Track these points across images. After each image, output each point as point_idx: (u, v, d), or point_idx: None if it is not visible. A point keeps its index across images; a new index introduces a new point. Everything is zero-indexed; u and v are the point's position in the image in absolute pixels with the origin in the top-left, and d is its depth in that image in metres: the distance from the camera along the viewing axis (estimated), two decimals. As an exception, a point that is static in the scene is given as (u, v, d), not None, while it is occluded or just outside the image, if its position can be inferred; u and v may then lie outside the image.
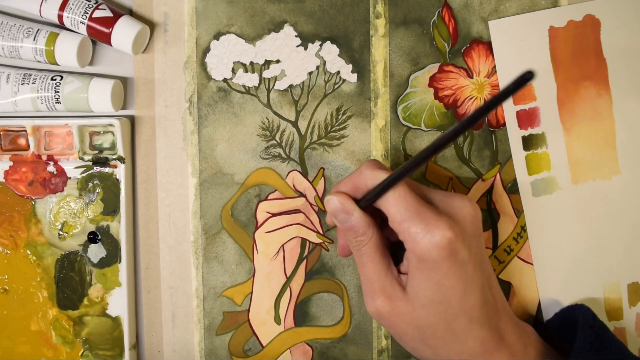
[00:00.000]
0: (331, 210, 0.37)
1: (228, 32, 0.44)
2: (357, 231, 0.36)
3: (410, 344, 0.37)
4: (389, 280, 0.36)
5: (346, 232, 0.37)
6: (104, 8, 0.41)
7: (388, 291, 0.36)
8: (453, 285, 0.34)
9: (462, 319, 0.35)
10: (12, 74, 0.42)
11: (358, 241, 0.37)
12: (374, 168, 0.36)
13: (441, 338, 0.35)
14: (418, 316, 0.35)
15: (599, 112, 0.44)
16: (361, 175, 0.36)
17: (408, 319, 0.35)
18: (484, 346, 0.35)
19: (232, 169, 0.45)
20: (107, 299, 0.45)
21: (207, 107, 0.44)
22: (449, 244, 0.33)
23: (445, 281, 0.34)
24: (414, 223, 0.34)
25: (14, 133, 0.45)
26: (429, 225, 0.34)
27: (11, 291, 0.45)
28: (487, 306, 0.35)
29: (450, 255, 0.33)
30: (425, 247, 0.33)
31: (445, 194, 0.37)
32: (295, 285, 0.45)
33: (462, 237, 0.34)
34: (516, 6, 0.44)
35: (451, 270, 0.34)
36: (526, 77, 0.27)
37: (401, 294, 0.36)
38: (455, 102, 0.44)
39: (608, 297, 0.45)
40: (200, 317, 0.45)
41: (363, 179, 0.36)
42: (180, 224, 0.45)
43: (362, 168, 0.37)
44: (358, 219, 0.36)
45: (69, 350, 0.45)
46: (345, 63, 0.44)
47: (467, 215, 0.35)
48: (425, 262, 0.34)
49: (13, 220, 0.44)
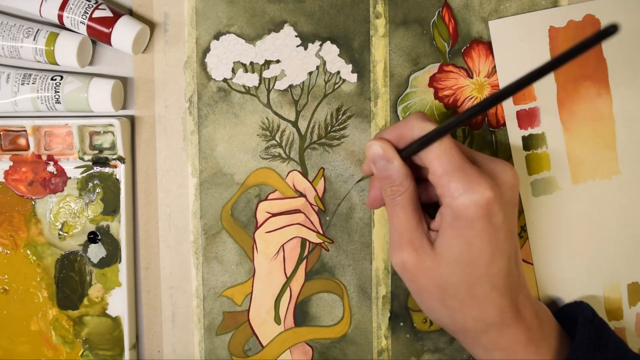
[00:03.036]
0: (371, 156, 0.36)
1: (228, 32, 0.44)
2: (395, 180, 0.36)
3: (428, 302, 0.36)
4: (418, 233, 0.36)
5: (383, 181, 0.36)
6: (104, 8, 0.41)
7: (416, 244, 0.36)
8: (482, 248, 0.34)
9: (486, 284, 0.34)
10: (12, 74, 0.42)
11: (393, 190, 0.36)
12: (423, 119, 0.36)
13: (461, 300, 0.35)
14: (442, 274, 0.35)
15: (599, 112, 0.44)
16: (408, 125, 0.36)
17: (431, 275, 0.35)
18: (501, 315, 0.35)
19: (232, 169, 0.45)
20: (107, 299, 0.45)
21: (207, 107, 0.44)
22: (487, 204, 0.33)
23: (475, 242, 0.34)
24: (455, 178, 0.33)
25: (14, 133, 0.45)
26: (471, 182, 0.33)
27: (11, 291, 0.45)
28: (510, 277, 0.35)
29: (486, 216, 0.33)
30: (462, 203, 0.33)
31: (488, 157, 0.37)
32: (295, 285, 0.45)
33: (500, 200, 0.34)
34: (516, 6, 0.44)
35: (484, 231, 0.33)
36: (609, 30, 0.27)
37: (429, 249, 0.35)
38: (455, 102, 0.44)
39: (608, 297, 0.45)
40: (200, 317, 0.45)
41: (409, 128, 0.36)
42: (180, 224, 0.45)
43: (410, 118, 0.36)
44: (398, 168, 0.36)
45: (69, 350, 0.45)
46: (345, 63, 0.44)
47: (507, 181, 0.35)
48: (460, 219, 0.33)
49: (13, 220, 0.44)
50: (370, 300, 0.45)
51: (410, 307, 0.45)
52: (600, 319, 0.39)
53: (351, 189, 0.45)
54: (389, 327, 0.45)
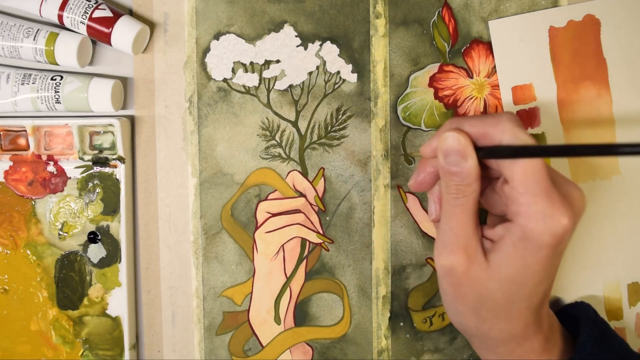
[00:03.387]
0: (445, 148, 0.33)
1: (228, 32, 0.44)
2: (464, 180, 0.33)
3: (459, 307, 0.35)
4: (474, 240, 0.34)
5: (449, 177, 0.34)
6: (104, 8, 0.41)
7: (470, 251, 0.34)
8: (538, 272, 0.32)
9: (524, 302, 0.34)
10: (12, 74, 0.42)
11: (459, 189, 0.33)
12: (516, 125, 0.33)
13: (495, 313, 0.34)
14: (489, 288, 0.33)
15: (599, 112, 0.44)
16: (499, 126, 0.33)
17: (477, 285, 0.34)
18: (525, 329, 0.35)
19: (232, 169, 0.45)
20: (107, 299, 0.45)
21: (207, 107, 0.44)
22: (563, 235, 0.31)
23: (534, 266, 0.32)
24: (540, 200, 0.31)
25: (14, 133, 0.45)
26: (553, 209, 0.31)
27: (11, 291, 0.45)
28: (545, 298, 0.35)
29: (555, 245, 0.32)
30: (539, 229, 0.31)
31: (565, 180, 0.35)
32: (295, 285, 0.45)
33: (572, 230, 0.32)
34: (516, 6, 0.44)
35: (546, 258, 0.32)
36: None
37: (482, 260, 0.33)
38: (455, 102, 0.44)
39: (608, 297, 0.45)
40: (200, 317, 0.45)
41: (500, 131, 0.32)
42: (180, 224, 0.45)
43: (502, 119, 0.33)
44: (471, 168, 0.33)
45: (69, 350, 0.45)
46: (345, 63, 0.44)
47: (580, 209, 0.33)
48: (528, 243, 0.32)
49: (13, 220, 0.44)
50: (370, 300, 0.45)
51: (410, 307, 0.45)
52: (602, 319, 0.39)
53: (351, 189, 0.45)
54: (389, 327, 0.45)
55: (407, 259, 0.45)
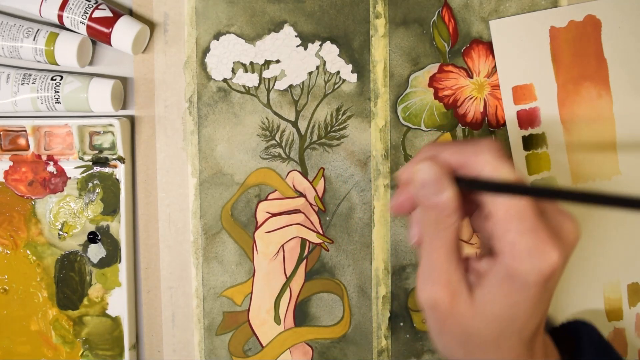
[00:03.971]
0: (420, 180, 0.31)
1: (228, 32, 0.44)
2: (442, 212, 0.31)
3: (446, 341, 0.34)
4: (457, 275, 0.32)
5: (428, 210, 0.31)
6: (104, 8, 0.41)
7: (453, 286, 0.31)
8: (526, 308, 0.30)
9: (515, 338, 0.32)
10: (12, 74, 0.42)
11: (438, 222, 0.31)
12: (497, 156, 0.30)
13: (484, 349, 0.32)
14: (475, 325, 0.32)
15: (600, 112, 0.44)
16: (479, 156, 0.30)
17: (462, 322, 0.32)
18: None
19: (232, 169, 0.45)
20: (107, 299, 0.45)
21: (207, 107, 0.44)
22: (551, 273, 0.29)
23: (522, 304, 0.30)
24: (525, 238, 0.29)
25: (14, 133, 0.45)
26: (539, 246, 0.29)
27: (11, 291, 0.45)
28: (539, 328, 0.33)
29: (544, 283, 0.30)
30: (526, 268, 0.29)
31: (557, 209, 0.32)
32: (295, 285, 0.45)
33: (562, 266, 0.30)
34: (516, 6, 0.44)
35: (535, 296, 0.30)
36: None
37: (466, 295, 0.31)
38: (455, 102, 0.44)
39: (608, 297, 0.45)
40: (200, 317, 0.45)
41: (480, 161, 0.30)
42: (180, 224, 0.45)
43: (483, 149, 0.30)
44: (449, 200, 0.30)
45: (69, 350, 0.45)
46: (345, 63, 0.44)
47: (572, 242, 0.31)
48: (515, 282, 0.30)
49: (13, 220, 0.44)
50: (370, 300, 0.45)
51: (410, 307, 0.45)
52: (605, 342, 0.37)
53: (351, 189, 0.45)
54: (389, 327, 0.45)
55: (407, 259, 0.45)
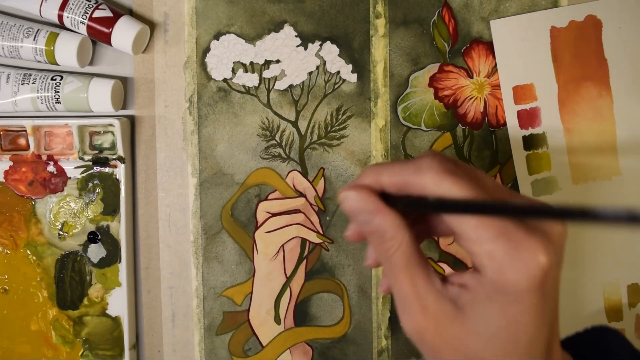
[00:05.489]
0: (349, 210, 0.29)
1: (228, 32, 0.44)
2: (383, 235, 0.29)
3: None
4: (431, 295, 0.28)
5: (370, 237, 0.29)
6: (104, 8, 0.41)
7: (432, 309, 0.28)
8: (529, 322, 0.27)
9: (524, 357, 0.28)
10: (12, 74, 0.42)
11: (386, 248, 0.29)
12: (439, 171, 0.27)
13: None
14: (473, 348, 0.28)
15: (600, 112, 0.44)
16: (420, 173, 0.28)
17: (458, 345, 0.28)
18: None
19: (232, 169, 0.45)
20: (107, 299, 0.45)
21: (207, 107, 0.44)
22: (543, 275, 0.26)
23: (522, 318, 0.27)
24: (499, 245, 0.26)
25: (14, 133, 0.45)
26: (519, 249, 0.26)
27: (11, 291, 0.45)
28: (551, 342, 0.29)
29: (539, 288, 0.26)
30: (511, 278, 0.26)
31: None
32: (295, 285, 0.45)
33: (555, 262, 0.27)
34: (516, 6, 0.44)
35: (533, 306, 0.27)
36: None
37: (451, 313, 0.28)
38: (455, 102, 0.44)
39: (608, 298, 0.45)
40: (200, 317, 0.45)
41: (421, 178, 0.28)
42: (180, 224, 0.45)
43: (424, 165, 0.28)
44: (385, 223, 0.28)
45: (69, 350, 0.45)
46: (345, 63, 0.44)
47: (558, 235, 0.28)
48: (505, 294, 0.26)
49: (13, 220, 0.44)
50: (370, 300, 0.45)
51: (410, 307, 0.45)
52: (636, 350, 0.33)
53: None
54: (389, 327, 0.45)
55: (407, 259, 0.45)
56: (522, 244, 0.26)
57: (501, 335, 0.27)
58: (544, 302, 0.27)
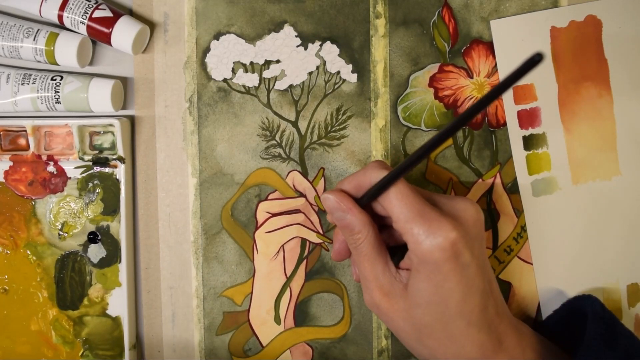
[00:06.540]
0: (328, 208, 0.38)
1: (228, 32, 0.44)
2: (353, 229, 0.37)
3: (407, 341, 0.37)
4: (386, 277, 0.37)
5: (343, 230, 0.38)
6: (104, 8, 0.41)
7: (386, 288, 0.37)
8: (452, 287, 0.34)
9: (460, 321, 0.35)
10: (12, 74, 0.42)
11: (354, 239, 0.37)
12: (380, 168, 0.36)
13: (438, 339, 0.35)
14: (414, 314, 0.35)
15: (600, 112, 0.44)
16: (366, 174, 0.37)
17: (405, 315, 0.36)
18: (482, 350, 0.35)
19: (232, 169, 0.45)
20: (107, 299, 0.45)
21: (207, 107, 0.44)
22: (452, 246, 0.33)
23: (445, 283, 0.34)
24: (416, 224, 0.34)
25: (14, 133, 0.45)
26: (432, 226, 0.34)
27: (11, 291, 0.45)
28: (486, 310, 0.35)
29: (452, 258, 0.34)
30: (427, 248, 0.33)
31: (448, 197, 0.37)
32: (295, 285, 0.45)
33: (465, 239, 0.34)
34: (516, 6, 0.44)
35: (452, 272, 0.34)
36: (535, 59, 0.26)
37: (400, 291, 0.36)
38: (455, 102, 0.44)
39: (607, 298, 0.45)
40: (200, 317, 0.45)
41: (367, 177, 0.37)
42: (180, 224, 0.45)
43: (368, 167, 0.37)
44: (354, 217, 0.36)
45: (69, 350, 0.45)
46: (345, 63, 0.44)
47: (470, 218, 0.35)
48: (426, 264, 0.34)
49: (13, 220, 0.44)
50: (370, 300, 0.45)
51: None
52: (610, 314, 0.39)
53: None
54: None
55: (407, 259, 0.45)
56: (434, 223, 0.34)
57: (433, 300, 0.34)
58: (464, 270, 0.34)
